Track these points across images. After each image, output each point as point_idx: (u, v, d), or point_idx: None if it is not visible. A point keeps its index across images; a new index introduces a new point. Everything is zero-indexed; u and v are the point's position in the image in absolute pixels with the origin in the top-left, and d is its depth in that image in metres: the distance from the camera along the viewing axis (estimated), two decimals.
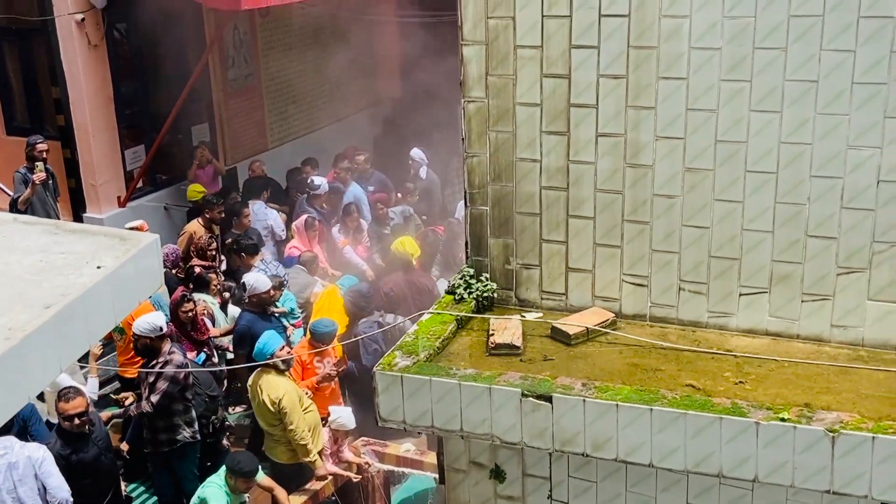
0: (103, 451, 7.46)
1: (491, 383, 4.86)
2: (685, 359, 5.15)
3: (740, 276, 5.22)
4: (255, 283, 9.38)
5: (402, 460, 8.76)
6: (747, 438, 4.46)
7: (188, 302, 9.21)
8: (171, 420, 8.08)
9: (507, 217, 5.59)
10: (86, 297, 3.45)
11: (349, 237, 12.00)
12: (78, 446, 7.31)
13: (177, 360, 8.17)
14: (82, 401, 7.21)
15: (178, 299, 9.22)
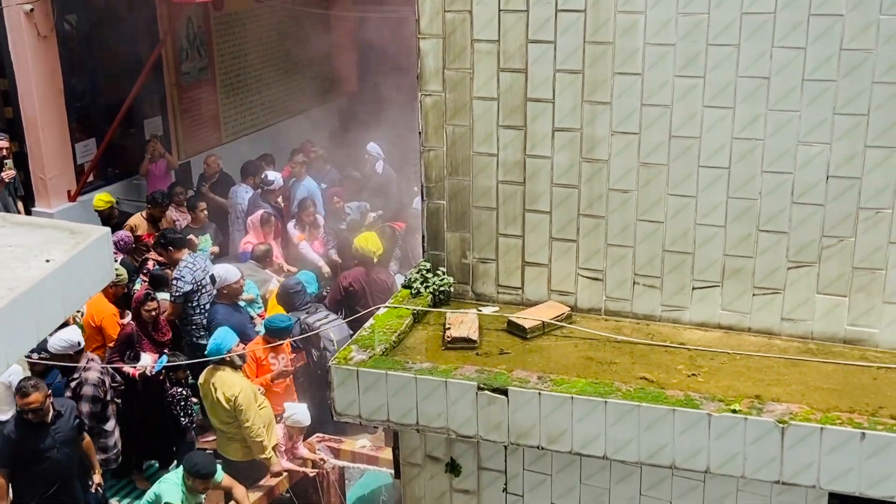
0: (59, 444, 7.30)
1: (447, 377, 4.87)
2: (639, 352, 5.19)
3: (693, 270, 5.28)
4: (225, 275, 9.26)
5: (358, 456, 8.73)
6: (699, 430, 4.52)
7: (152, 301, 9.05)
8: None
9: (464, 211, 5.60)
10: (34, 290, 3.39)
11: (305, 232, 11.93)
12: (31, 435, 7.20)
13: (92, 377, 8.05)
14: (38, 396, 7.09)
15: (142, 297, 9.06)
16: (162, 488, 7.49)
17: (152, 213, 11.30)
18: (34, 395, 7.07)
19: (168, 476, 7.62)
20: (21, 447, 7.19)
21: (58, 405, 7.39)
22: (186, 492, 7.46)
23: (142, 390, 8.92)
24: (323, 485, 8.52)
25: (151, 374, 8.81)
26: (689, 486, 5.04)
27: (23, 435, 7.20)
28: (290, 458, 8.40)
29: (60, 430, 7.31)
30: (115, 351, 8.91)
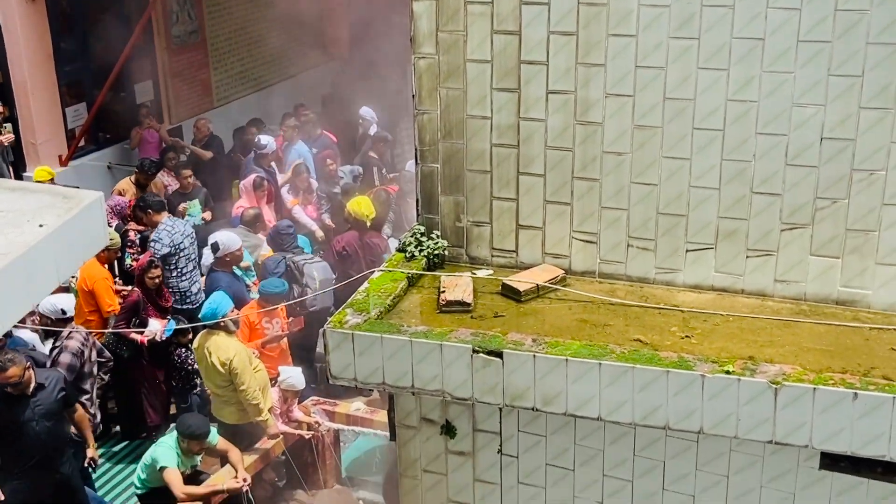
0: (39, 416, 7.19)
1: (442, 340, 4.88)
2: (633, 314, 5.21)
3: (687, 233, 5.28)
4: (227, 242, 9.27)
5: (352, 419, 8.78)
6: (693, 391, 4.55)
7: (155, 268, 9.06)
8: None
9: (458, 174, 5.58)
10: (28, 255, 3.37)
11: (299, 197, 11.90)
12: (10, 407, 7.13)
13: (72, 346, 8.05)
14: (16, 370, 6.97)
15: (146, 265, 9.04)
16: (157, 452, 7.53)
17: (139, 179, 11.25)
18: (12, 370, 6.98)
19: (163, 439, 7.66)
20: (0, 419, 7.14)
21: (42, 377, 7.28)
22: (182, 454, 7.50)
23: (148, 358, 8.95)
24: (318, 447, 8.58)
25: (162, 340, 8.85)
26: (682, 446, 5.09)
27: (1, 407, 7.12)
28: (286, 422, 8.45)
29: (41, 403, 7.20)
30: (121, 318, 8.91)
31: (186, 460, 7.57)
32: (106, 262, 9.39)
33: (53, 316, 8.16)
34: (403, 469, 5.69)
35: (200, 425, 7.53)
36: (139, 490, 7.75)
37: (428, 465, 5.62)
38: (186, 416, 7.93)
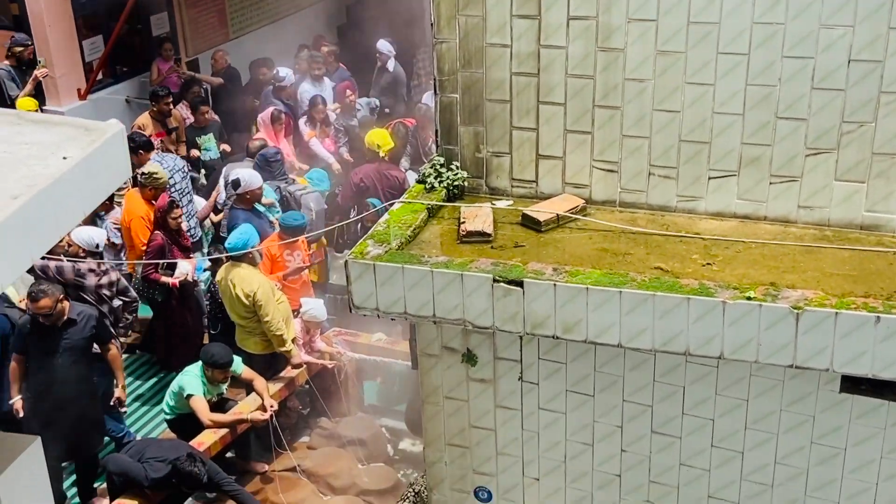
0: (64, 350, 7.26)
1: (463, 270, 4.90)
2: (654, 242, 5.21)
3: (710, 160, 5.25)
4: (249, 180, 9.27)
5: (374, 349, 8.87)
6: (714, 318, 4.56)
7: (177, 208, 9.06)
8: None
9: (478, 104, 5.55)
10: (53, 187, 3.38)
11: (316, 129, 11.85)
12: (41, 335, 7.24)
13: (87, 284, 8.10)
14: (48, 301, 7.07)
15: (167, 206, 9.03)
16: (184, 381, 7.66)
17: (159, 110, 11.21)
18: (43, 301, 7.06)
19: (189, 368, 7.78)
20: (31, 344, 7.29)
21: (75, 312, 7.35)
22: (207, 383, 7.63)
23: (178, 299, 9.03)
24: (340, 377, 8.69)
25: (193, 281, 8.92)
26: (702, 371, 5.13)
27: (33, 332, 7.27)
28: (308, 352, 8.55)
29: (69, 338, 7.29)
30: (149, 264, 8.93)
31: (212, 388, 7.70)
32: (150, 200, 9.31)
33: (87, 247, 8.22)
34: (426, 396, 5.77)
35: (223, 354, 7.64)
36: (168, 416, 7.91)
37: (450, 392, 5.70)
38: (210, 345, 8.03)
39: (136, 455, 7.08)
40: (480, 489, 5.87)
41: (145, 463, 6.96)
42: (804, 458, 5.12)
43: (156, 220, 9.02)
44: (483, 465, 5.80)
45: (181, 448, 7.13)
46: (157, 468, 6.91)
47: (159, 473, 6.88)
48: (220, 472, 7.16)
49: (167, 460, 6.92)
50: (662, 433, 5.35)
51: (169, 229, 8.94)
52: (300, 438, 8.51)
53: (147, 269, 8.87)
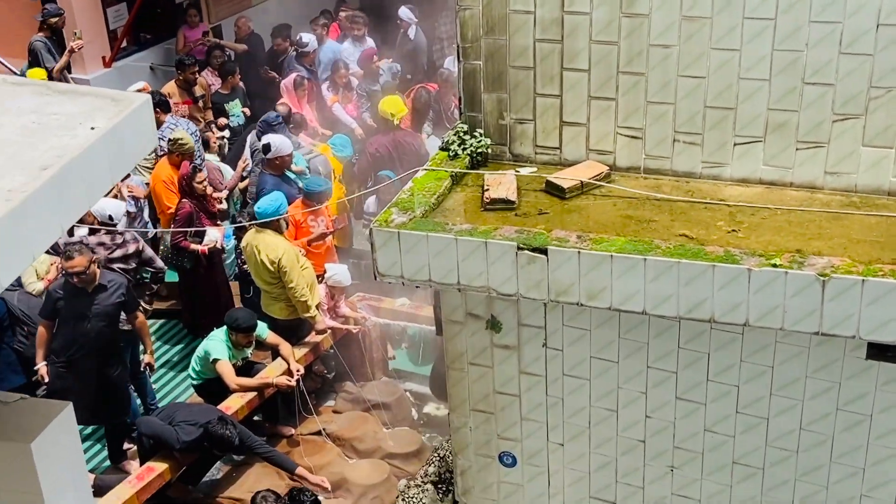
0: (94, 315, 7.33)
1: (487, 237, 4.92)
2: (679, 209, 5.20)
3: (735, 126, 5.21)
4: (280, 145, 9.29)
5: (398, 314, 8.92)
6: (739, 285, 4.56)
7: (200, 172, 9.10)
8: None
9: (501, 71, 5.53)
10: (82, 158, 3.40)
11: (339, 94, 11.84)
12: (71, 300, 7.31)
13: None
14: (83, 259, 7.17)
15: (190, 172, 9.06)
16: (209, 345, 7.74)
17: (185, 78, 11.23)
18: (78, 259, 7.16)
19: (214, 334, 7.86)
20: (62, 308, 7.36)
21: (105, 279, 7.44)
22: (232, 347, 7.71)
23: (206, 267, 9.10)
24: (365, 341, 8.75)
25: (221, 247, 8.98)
26: (727, 338, 5.13)
27: (64, 296, 7.34)
28: (333, 317, 8.61)
29: (98, 303, 7.37)
30: (178, 232, 8.98)
31: (237, 353, 7.78)
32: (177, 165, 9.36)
33: (100, 218, 8.29)
34: (451, 362, 5.81)
35: (247, 318, 7.71)
36: (195, 381, 8.01)
37: (474, 358, 5.74)
38: (234, 310, 8.10)
39: (167, 418, 7.18)
40: (505, 454, 5.93)
41: (176, 426, 7.06)
42: (830, 425, 5.13)
43: (181, 188, 9.06)
44: (508, 430, 5.85)
45: (211, 412, 7.23)
46: (188, 431, 7.00)
47: (191, 437, 6.98)
48: (250, 435, 7.25)
49: (198, 424, 7.01)
50: (687, 399, 5.37)
51: (196, 195, 8.98)
52: (325, 402, 8.59)
53: (176, 236, 8.93)
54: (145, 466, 7.06)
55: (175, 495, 7.34)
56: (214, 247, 8.94)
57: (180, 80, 11.22)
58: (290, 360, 7.86)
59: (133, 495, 6.80)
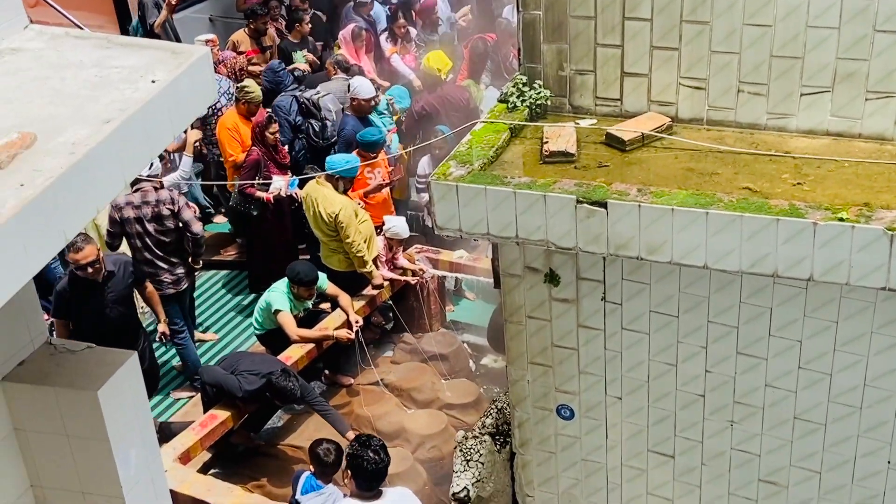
0: (112, 303, 7.27)
1: (546, 191, 4.88)
2: (742, 162, 5.09)
3: (802, 76, 5.07)
4: (357, 87, 9.32)
5: (456, 266, 8.95)
6: (804, 239, 4.47)
7: (274, 123, 9.18)
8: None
9: (561, 21, 5.43)
10: (144, 111, 3.43)
11: (397, 45, 11.78)
12: (84, 295, 7.16)
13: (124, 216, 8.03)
14: (93, 248, 6.99)
15: (265, 121, 9.12)
16: (271, 297, 7.86)
17: (255, 27, 11.27)
18: (88, 248, 6.89)
19: (276, 285, 7.97)
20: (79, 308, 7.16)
21: (111, 263, 7.26)
22: (293, 299, 7.82)
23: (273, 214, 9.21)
24: (423, 293, 8.80)
25: (286, 196, 9.08)
26: (790, 293, 5.04)
27: (76, 293, 7.14)
28: (391, 268, 8.66)
29: (113, 290, 7.26)
30: (245, 178, 9.08)
31: (298, 304, 7.89)
32: (244, 115, 9.43)
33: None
34: (508, 315, 5.81)
35: (308, 272, 7.80)
36: (258, 331, 8.15)
37: (532, 311, 5.73)
38: (296, 263, 8.21)
39: (230, 367, 7.32)
40: (563, 407, 5.94)
41: (239, 375, 7.20)
42: (894, 381, 5.04)
43: (254, 135, 9.15)
44: (565, 383, 5.85)
45: (274, 363, 7.35)
46: (251, 381, 7.13)
47: (253, 386, 7.11)
48: (311, 389, 7.37)
49: (261, 374, 7.14)
50: (748, 354, 5.31)
51: (267, 144, 9.07)
52: (384, 353, 8.69)
53: (243, 186, 9.04)
54: (208, 414, 7.23)
55: (237, 441, 7.52)
56: (279, 195, 9.04)
57: (250, 30, 11.26)
58: (349, 311, 7.95)
59: (197, 442, 6.97)
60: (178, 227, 8.22)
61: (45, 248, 2.98)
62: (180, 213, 8.17)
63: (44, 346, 3.81)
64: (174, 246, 8.24)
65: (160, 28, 11.45)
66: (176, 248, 8.26)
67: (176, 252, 8.28)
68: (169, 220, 8.14)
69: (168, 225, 8.15)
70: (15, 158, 3.05)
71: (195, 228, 8.26)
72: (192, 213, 8.45)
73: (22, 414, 3.64)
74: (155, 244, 8.12)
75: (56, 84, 3.50)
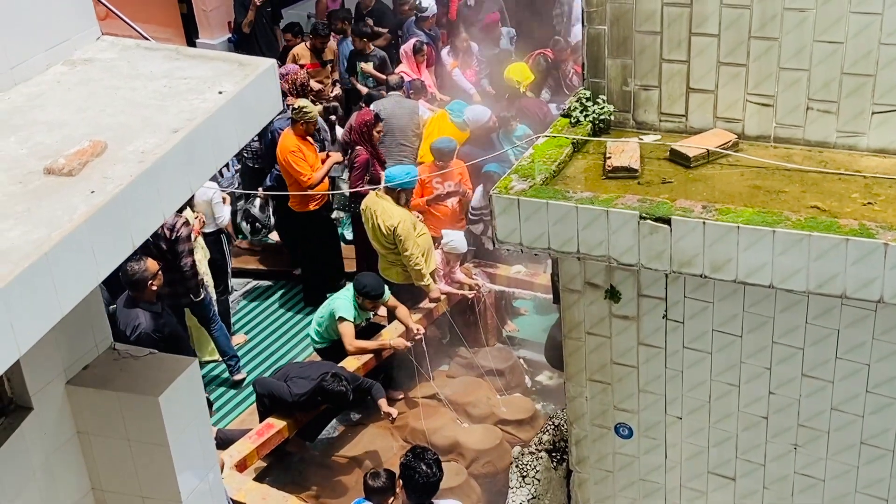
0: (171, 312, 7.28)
1: (608, 206, 4.83)
2: (810, 180, 4.99)
3: (874, 94, 4.96)
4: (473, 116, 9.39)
5: (513, 281, 8.90)
6: (874, 260, 4.36)
7: (381, 121, 9.29)
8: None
9: (626, 36, 5.39)
10: (211, 121, 3.48)
11: (458, 59, 11.80)
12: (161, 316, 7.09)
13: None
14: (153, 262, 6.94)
15: (372, 120, 9.23)
16: (336, 304, 7.85)
17: (314, 44, 11.38)
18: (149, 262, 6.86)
19: (341, 293, 7.97)
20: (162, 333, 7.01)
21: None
22: (357, 308, 7.84)
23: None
24: (479, 308, 8.76)
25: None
26: (859, 314, 4.92)
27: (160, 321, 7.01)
28: (448, 282, 8.65)
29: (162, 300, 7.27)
30: (356, 178, 9.18)
31: (362, 313, 7.92)
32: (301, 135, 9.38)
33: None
34: (568, 331, 5.76)
35: (376, 286, 7.79)
36: (318, 344, 8.15)
37: (592, 327, 5.67)
38: (363, 275, 8.08)
39: (282, 377, 7.36)
40: (621, 425, 5.86)
41: (289, 381, 7.23)
42: None
43: (360, 135, 9.21)
44: (624, 401, 5.78)
45: (324, 367, 7.37)
46: (300, 385, 7.14)
47: (303, 389, 7.11)
48: (358, 378, 7.39)
49: (311, 378, 7.16)
50: (813, 377, 5.19)
51: (373, 143, 9.17)
52: (440, 367, 8.66)
53: (355, 182, 9.11)
54: (265, 423, 7.26)
55: (293, 450, 7.54)
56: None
57: (311, 45, 11.37)
58: (408, 322, 7.95)
59: (253, 450, 7.01)
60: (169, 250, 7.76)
61: (114, 253, 3.02)
62: (177, 242, 7.74)
63: (108, 350, 3.87)
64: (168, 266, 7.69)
65: (248, 27, 11.79)
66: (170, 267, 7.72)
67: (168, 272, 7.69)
68: (162, 242, 7.68)
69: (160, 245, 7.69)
70: (86, 166, 3.10)
71: (184, 261, 7.80)
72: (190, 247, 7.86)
73: (85, 417, 3.70)
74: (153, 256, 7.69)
75: (127, 94, 3.57)
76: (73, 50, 3.70)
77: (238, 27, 11.82)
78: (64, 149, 3.13)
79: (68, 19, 3.66)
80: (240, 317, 9.70)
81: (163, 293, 7.59)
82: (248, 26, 11.84)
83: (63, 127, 3.29)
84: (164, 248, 7.72)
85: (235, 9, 12.04)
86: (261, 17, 11.90)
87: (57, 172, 3.03)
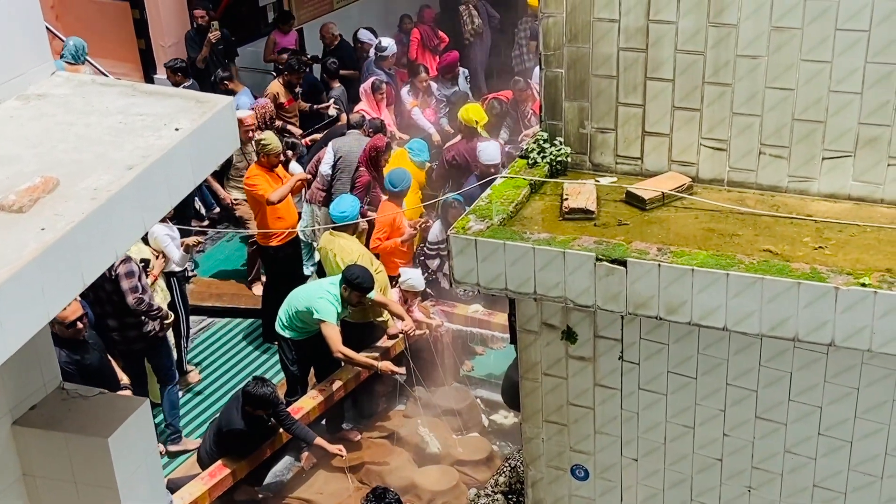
0: (101, 352, 7.09)
1: (565, 247, 4.85)
2: (763, 224, 5.06)
3: (824, 140, 5.06)
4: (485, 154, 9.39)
5: (471, 320, 8.90)
6: (825, 303, 4.42)
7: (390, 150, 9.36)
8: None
9: (583, 80, 5.46)
10: (166, 158, 3.46)
11: (418, 99, 11.87)
12: (82, 351, 6.86)
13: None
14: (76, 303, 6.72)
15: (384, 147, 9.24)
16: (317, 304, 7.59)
17: (289, 80, 11.37)
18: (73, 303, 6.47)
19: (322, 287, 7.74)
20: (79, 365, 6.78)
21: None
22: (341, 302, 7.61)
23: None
24: (437, 346, 8.74)
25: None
26: (810, 357, 4.98)
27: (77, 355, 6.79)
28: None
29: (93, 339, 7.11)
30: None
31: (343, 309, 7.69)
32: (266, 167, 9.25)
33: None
34: (524, 372, 5.76)
35: (367, 278, 7.59)
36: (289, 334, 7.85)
37: (548, 368, 5.67)
38: (356, 266, 7.84)
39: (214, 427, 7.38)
40: (577, 467, 5.85)
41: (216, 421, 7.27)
42: None
43: (368, 158, 9.24)
44: (580, 443, 5.77)
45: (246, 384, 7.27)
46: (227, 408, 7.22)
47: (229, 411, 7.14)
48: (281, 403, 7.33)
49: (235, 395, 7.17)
50: (767, 419, 5.23)
51: (379, 168, 9.18)
52: (396, 406, 8.61)
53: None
54: (217, 464, 7.16)
55: (242, 498, 7.41)
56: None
57: (285, 80, 11.36)
58: (404, 316, 7.94)
59: (205, 492, 6.90)
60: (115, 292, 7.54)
61: (64, 292, 2.97)
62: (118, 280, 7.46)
63: (56, 390, 3.79)
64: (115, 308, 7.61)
65: (202, 63, 11.84)
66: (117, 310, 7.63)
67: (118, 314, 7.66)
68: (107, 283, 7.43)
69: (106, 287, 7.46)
70: (37, 202, 3.06)
71: (129, 300, 7.51)
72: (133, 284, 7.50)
73: (31, 459, 3.61)
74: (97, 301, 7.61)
75: (81, 130, 3.53)
76: (27, 85, 3.66)
77: (192, 63, 11.76)
78: (15, 185, 3.09)
79: (22, 54, 3.63)
80: (195, 353, 9.57)
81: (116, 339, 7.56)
82: (203, 62, 11.88)
83: (15, 162, 3.25)
84: (109, 291, 7.52)
85: (187, 44, 12.02)
86: (213, 54, 11.91)
87: (7, 209, 2.99)
